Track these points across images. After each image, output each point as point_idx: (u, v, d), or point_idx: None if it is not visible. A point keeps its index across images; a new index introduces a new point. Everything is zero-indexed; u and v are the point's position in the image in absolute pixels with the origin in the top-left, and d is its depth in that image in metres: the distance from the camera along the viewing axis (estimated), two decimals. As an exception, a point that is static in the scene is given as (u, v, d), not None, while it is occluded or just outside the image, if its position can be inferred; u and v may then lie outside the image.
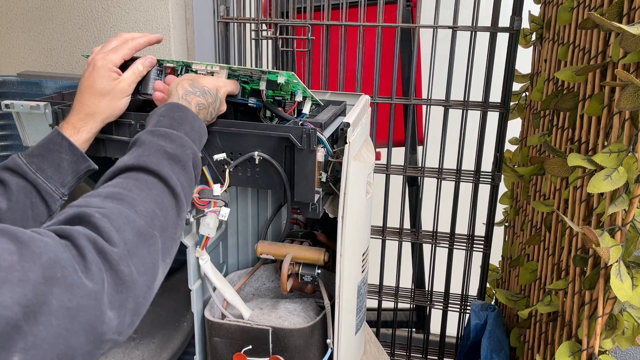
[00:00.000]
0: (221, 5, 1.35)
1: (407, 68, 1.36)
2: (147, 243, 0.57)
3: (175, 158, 0.68)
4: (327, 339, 0.89)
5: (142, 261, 0.56)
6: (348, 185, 0.82)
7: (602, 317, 0.72)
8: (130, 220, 0.57)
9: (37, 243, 0.48)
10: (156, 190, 0.63)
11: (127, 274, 0.54)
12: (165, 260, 0.61)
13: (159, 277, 0.59)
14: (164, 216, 0.61)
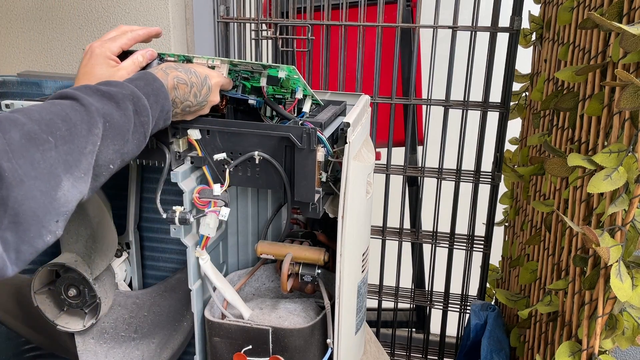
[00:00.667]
0: (221, 5, 1.35)
1: (407, 68, 1.36)
2: (38, 147, 0.55)
3: (106, 94, 0.66)
4: (327, 339, 0.89)
5: (31, 164, 0.53)
6: (348, 185, 0.82)
7: (602, 317, 0.72)
8: (19, 123, 0.55)
9: None
10: (62, 106, 0.61)
11: (7, 170, 0.51)
12: (73, 172, 0.59)
13: (65, 188, 0.57)
14: (66, 127, 0.59)
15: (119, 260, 1.01)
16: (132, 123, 0.68)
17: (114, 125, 0.65)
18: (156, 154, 0.87)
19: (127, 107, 0.67)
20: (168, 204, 0.88)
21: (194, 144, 0.86)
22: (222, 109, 0.92)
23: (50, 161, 0.55)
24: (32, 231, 0.54)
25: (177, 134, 0.86)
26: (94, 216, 0.95)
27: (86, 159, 0.61)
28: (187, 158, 0.88)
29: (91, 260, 0.95)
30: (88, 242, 0.96)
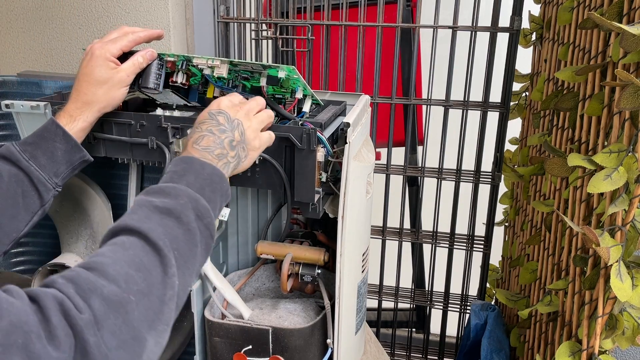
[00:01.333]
0: (221, 5, 1.35)
1: (407, 68, 1.36)
2: (120, 311, 0.50)
3: (164, 211, 0.60)
4: (327, 339, 0.89)
5: (114, 333, 0.49)
6: (348, 185, 0.82)
7: (602, 317, 0.72)
8: (98, 287, 0.50)
9: (2, 303, 0.44)
10: (133, 250, 0.56)
11: (93, 345, 0.47)
12: (157, 327, 0.53)
13: (149, 349, 0.52)
14: (142, 277, 0.54)
15: (119, 260, 1.01)
16: (197, 235, 0.62)
17: (182, 252, 0.60)
18: (156, 154, 0.87)
19: (187, 220, 0.61)
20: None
21: (194, 144, 0.86)
22: None
23: (133, 324, 0.51)
24: None
25: (177, 134, 0.86)
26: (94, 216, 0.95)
27: (168, 307, 0.55)
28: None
29: (91, 260, 0.95)
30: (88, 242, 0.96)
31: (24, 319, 0.45)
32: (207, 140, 0.71)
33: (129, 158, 0.91)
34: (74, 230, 0.96)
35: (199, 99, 0.95)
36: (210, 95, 0.90)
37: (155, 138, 0.86)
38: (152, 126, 0.87)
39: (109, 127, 0.88)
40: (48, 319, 0.46)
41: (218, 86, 0.90)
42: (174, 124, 0.86)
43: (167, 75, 0.89)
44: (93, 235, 0.95)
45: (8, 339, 0.43)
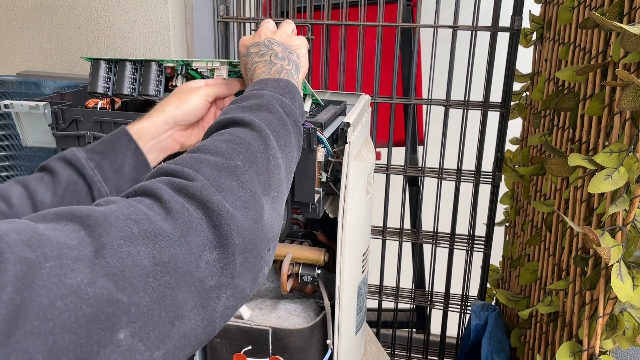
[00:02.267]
0: (221, 5, 1.35)
1: (407, 68, 1.35)
2: (232, 174, 0.50)
3: (254, 107, 0.62)
4: (327, 339, 0.89)
5: (234, 193, 0.49)
6: (348, 185, 0.82)
7: (602, 317, 0.72)
8: (203, 159, 0.51)
9: (98, 210, 0.42)
10: (229, 132, 0.57)
11: (217, 204, 0.46)
12: (269, 192, 0.53)
13: (268, 213, 0.52)
14: (246, 148, 0.54)
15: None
16: (289, 125, 0.63)
17: (279, 132, 0.61)
18: (156, 154, 0.87)
19: (278, 110, 0.63)
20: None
21: (194, 144, 0.86)
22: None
23: (248, 186, 0.51)
24: (256, 266, 0.49)
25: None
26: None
27: (274, 175, 0.56)
28: (186, 158, 0.87)
29: (91, 260, 0.95)
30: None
31: (126, 212, 0.43)
32: (259, 68, 0.72)
33: (128, 158, 0.90)
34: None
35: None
36: None
37: (154, 138, 0.86)
38: (151, 126, 0.86)
39: (109, 127, 0.88)
40: (159, 197, 0.45)
41: None
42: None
43: (167, 80, 0.89)
44: (92, 235, 0.95)
45: (123, 231, 0.41)
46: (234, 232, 0.46)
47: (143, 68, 0.88)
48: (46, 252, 0.36)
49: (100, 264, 0.38)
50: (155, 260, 0.41)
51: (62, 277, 0.36)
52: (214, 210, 0.46)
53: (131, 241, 0.41)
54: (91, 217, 0.41)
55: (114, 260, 0.39)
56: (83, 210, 0.41)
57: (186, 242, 0.43)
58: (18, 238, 0.36)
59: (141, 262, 0.40)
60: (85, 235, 0.39)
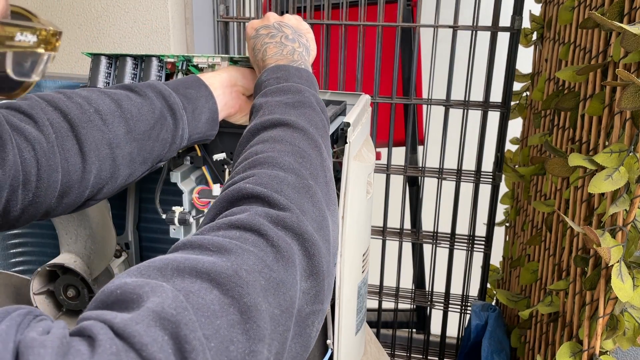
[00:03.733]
0: (221, 5, 1.35)
1: (407, 68, 1.35)
2: (307, 195, 0.50)
3: (298, 104, 0.61)
4: (327, 339, 0.89)
5: (312, 217, 0.49)
6: (348, 185, 0.82)
7: (603, 317, 0.72)
8: (282, 179, 0.50)
9: (220, 263, 0.40)
10: (288, 140, 0.55)
11: (311, 235, 0.46)
12: (330, 207, 0.53)
13: (331, 227, 0.52)
14: (309, 162, 0.54)
15: (118, 260, 1.01)
16: (326, 122, 0.64)
17: (323, 135, 0.61)
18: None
19: (318, 109, 0.63)
20: (167, 204, 0.88)
21: (194, 144, 0.86)
22: None
23: (318, 205, 0.51)
24: (325, 281, 0.48)
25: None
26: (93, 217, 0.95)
27: (331, 187, 0.56)
28: (186, 158, 0.87)
29: (90, 261, 0.95)
30: (87, 242, 0.96)
31: (250, 261, 0.41)
32: (270, 49, 0.72)
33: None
34: (73, 230, 0.96)
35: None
36: None
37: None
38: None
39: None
40: (265, 235, 0.44)
41: None
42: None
43: (168, 76, 0.89)
44: (92, 235, 0.95)
45: (254, 286, 0.40)
46: (322, 258, 0.47)
47: (144, 63, 0.88)
48: (206, 332, 0.36)
49: (253, 329, 0.38)
50: (282, 309, 0.42)
51: (224, 353, 0.36)
52: (308, 241, 0.46)
53: (264, 295, 0.40)
54: (220, 274, 0.39)
55: (260, 322, 0.39)
56: (207, 266, 0.39)
57: (294, 280, 0.43)
58: (189, 319, 0.35)
59: (275, 315, 0.40)
60: (221, 295, 0.38)
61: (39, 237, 1.08)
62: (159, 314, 0.34)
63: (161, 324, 0.34)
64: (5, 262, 1.08)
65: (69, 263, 0.93)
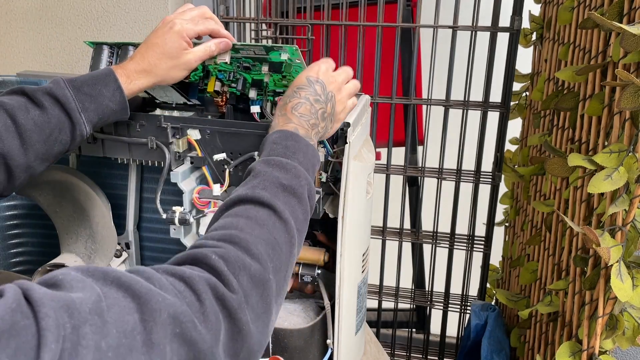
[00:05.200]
0: (221, 5, 1.35)
1: (407, 68, 1.35)
2: (260, 288, 0.54)
3: (290, 190, 0.65)
4: (327, 339, 0.89)
5: (254, 308, 0.53)
6: (348, 185, 0.82)
7: (602, 317, 0.72)
8: (246, 265, 0.54)
9: (156, 297, 0.45)
10: (269, 227, 0.59)
11: (243, 323, 0.51)
12: (278, 301, 0.58)
13: (273, 320, 0.56)
14: (278, 256, 0.58)
15: (118, 260, 1.01)
16: (308, 213, 0.67)
17: (301, 230, 0.65)
18: (156, 153, 0.87)
19: (306, 202, 0.66)
20: (168, 204, 0.88)
21: (194, 144, 0.86)
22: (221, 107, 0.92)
23: (267, 299, 0.55)
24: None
25: (177, 134, 0.86)
26: (93, 216, 0.95)
27: (286, 283, 0.60)
28: (187, 158, 0.87)
29: (91, 260, 0.95)
30: (88, 242, 0.96)
31: (178, 310, 0.46)
32: (304, 109, 0.74)
33: (128, 158, 0.91)
34: (73, 230, 0.96)
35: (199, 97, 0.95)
36: (211, 89, 0.90)
37: (154, 138, 0.86)
38: (151, 126, 0.87)
39: (109, 126, 0.88)
40: (202, 302, 0.49)
41: (219, 79, 0.90)
42: (173, 123, 0.86)
43: None
44: (92, 235, 0.95)
45: (169, 329, 0.45)
46: (245, 347, 0.51)
47: None
48: (109, 341, 0.41)
49: (145, 358, 0.43)
50: (182, 358, 0.46)
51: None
52: (237, 327, 0.51)
53: (171, 340, 0.45)
54: (148, 304, 0.44)
55: (155, 357, 0.43)
56: (142, 291, 0.45)
57: (211, 352, 0.48)
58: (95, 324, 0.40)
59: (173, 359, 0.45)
60: (138, 321, 0.43)
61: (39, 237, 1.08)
62: (73, 305, 0.39)
63: (70, 314, 0.39)
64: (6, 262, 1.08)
65: (69, 263, 0.93)
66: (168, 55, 0.81)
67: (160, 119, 0.86)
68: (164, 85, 0.91)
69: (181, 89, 0.94)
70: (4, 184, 0.73)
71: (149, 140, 0.86)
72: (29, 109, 0.73)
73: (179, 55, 0.81)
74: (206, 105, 0.96)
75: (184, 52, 0.81)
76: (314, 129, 0.75)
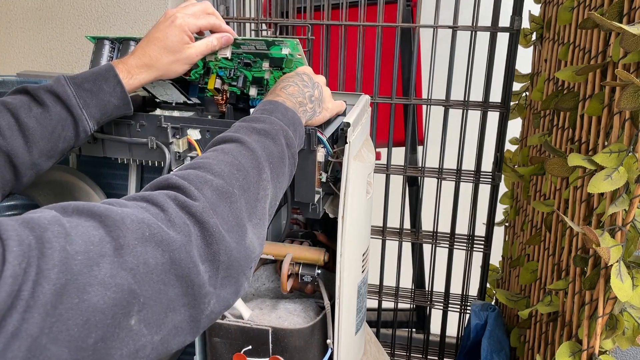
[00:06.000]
0: (221, 5, 1.35)
1: (407, 68, 1.35)
2: (227, 200, 0.56)
3: (262, 132, 0.66)
4: (327, 339, 0.89)
5: (224, 218, 0.55)
6: (348, 185, 0.82)
7: (602, 317, 0.72)
8: (208, 180, 0.56)
9: (115, 211, 0.47)
10: (233, 153, 0.62)
11: (212, 226, 0.52)
12: (252, 220, 0.59)
13: (250, 237, 0.58)
14: (243, 176, 0.60)
15: (118, 260, 1.01)
16: (286, 157, 0.69)
17: (275, 164, 0.66)
18: (156, 153, 0.87)
19: (281, 143, 0.68)
20: (168, 204, 0.88)
21: (194, 144, 0.86)
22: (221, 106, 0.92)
23: (237, 212, 0.57)
24: (239, 281, 0.56)
25: (177, 134, 0.86)
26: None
27: (260, 204, 0.62)
28: (187, 158, 0.87)
29: (91, 260, 0.95)
30: (88, 242, 0.96)
31: (141, 216, 0.48)
32: (292, 89, 0.78)
33: (128, 158, 0.91)
34: (73, 230, 0.96)
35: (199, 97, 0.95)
36: (212, 86, 0.90)
37: (155, 138, 0.86)
38: (151, 126, 0.87)
39: (109, 127, 0.88)
40: (165, 210, 0.51)
41: (220, 76, 0.90)
42: (173, 123, 0.86)
43: None
44: (93, 235, 0.95)
45: (137, 233, 0.47)
46: (222, 251, 0.53)
47: None
48: (76, 247, 0.43)
49: (119, 261, 0.45)
50: (157, 261, 0.47)
51: (89, 268, 0.43)
52: (208, 230, 0.52)
53: (142, 242, 0.47)
54: (110, 218, 0.46)
55: (130, 258, 0.45)
56: (102, 210, 0.47)
57: (185, 251, 0.50)
58: (57, 230, 0.43)
59: (149, 261, 0.47)
60: (105, 233, 0.45)
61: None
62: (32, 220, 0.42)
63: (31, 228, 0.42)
64: (6, 262, 1.08)
65: (69, 263, 0.93)
66: (169, 50, 0.81)
67: (161, 119, 0.86)
68: (164, 83, 0.91)
69: (181, 87, 0.94)
70: (12, 182, 0.74)
71: (149, 140, 0.86)
72: (31, 107, 0.74)
73: (180, 49, 0.82)
74: (206, 105, 0.96)
75: (185, 46, 0.82)
76: (302, 107, 0.77)
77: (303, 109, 0.77)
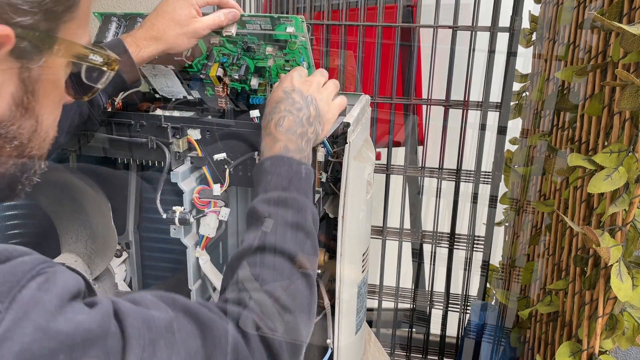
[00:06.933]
0: (221, 5, 1.34)
1: (407, 68, 1.35)
2: (298, 352, 0.61)
3: (296, 226, 0.68)
4: (327, 339, 0.89)
5: (295, 353, 0.60)
6: (348, 185, 0.82)
7: (602, 317, 0.72)
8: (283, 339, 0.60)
9: (217, 326, 0.52)
10: (291, 280, 0.64)
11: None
12: (307, 340, 0.64)
13: (304, 339, 0.62)
14: (302, 305, 0.64)
15: (118, 260, 1.01)
16: (315, 240, 0.71)
17: (313, 263, 0.69)
18: (156, 154, 0.87)
19: (313, 232, 0.70)
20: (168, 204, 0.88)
21: (194, 144, 0.86)
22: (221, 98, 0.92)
23: (301, 344, 0.63)
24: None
25: (177, 134, 0.86)
26: (93, 216, 0.95)
27: (312, 317, 0.67)
28: (187, 158, 0.87)
29: (91, 260, 0.95)
30: (88, 242, 0.96)
31: (237, 340, 0.54)
32: (288, 121, 0.74)
33: (128, 158, 0.91)
34: (73, 230, 0.96)
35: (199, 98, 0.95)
36: (214, 73, 0.89)
37: (155, 138, 0.86)
38: (151, 126, 0.87)
39: (109, 126, 0.88)
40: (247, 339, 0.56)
41: (222, 64, 0.89)
42: (173, 123, 0.86)
43: None
44: (93, 235, 0.95)
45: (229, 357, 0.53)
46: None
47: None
48: (178, 358, 0.49)
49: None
50: None
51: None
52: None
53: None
54: (211, 331, 0.52)
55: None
56: (205, 318, 0.53)
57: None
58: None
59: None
60: (200, 346, 0.51)
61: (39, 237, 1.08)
62: (152, 320, 0.48)
63: (149, 327, 0.47)
64: (6, 262, 1.08)
65: (69, 263, 0.93)
66: (177, 22, 0.81)
67: (161, 118, 0.86)
68: (166, 71, 0.90)
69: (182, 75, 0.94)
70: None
71: (149, 140, 0.86)
72: None
73: (188, 22, 0.81)
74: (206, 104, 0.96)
75: (193, 20, 0.82)
76: (304, 138, 0.74)
77: (306, 139, 0.74)
